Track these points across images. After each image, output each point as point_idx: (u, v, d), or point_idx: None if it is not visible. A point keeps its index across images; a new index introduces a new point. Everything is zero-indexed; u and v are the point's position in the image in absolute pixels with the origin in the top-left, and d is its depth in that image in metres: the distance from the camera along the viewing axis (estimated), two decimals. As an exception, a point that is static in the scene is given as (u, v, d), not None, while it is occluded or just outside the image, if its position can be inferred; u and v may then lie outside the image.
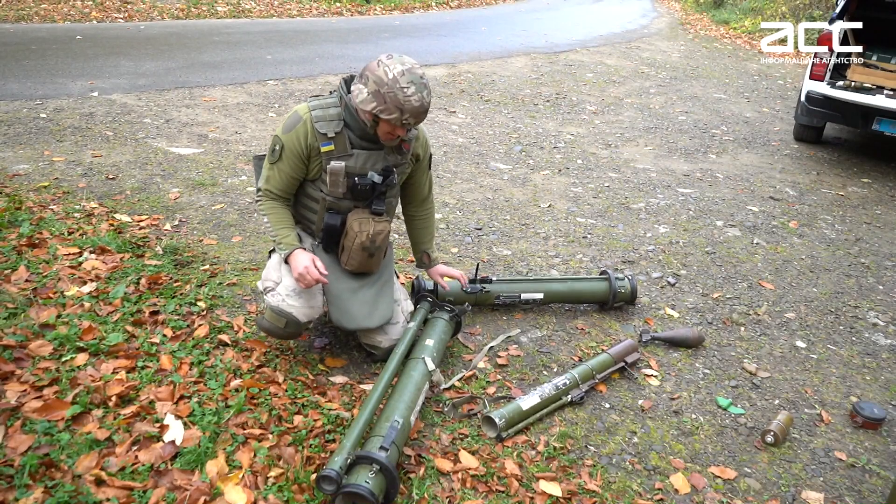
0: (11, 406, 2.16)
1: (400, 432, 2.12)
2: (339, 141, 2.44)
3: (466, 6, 16.66)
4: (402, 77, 2.28)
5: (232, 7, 11.94)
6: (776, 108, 8.59)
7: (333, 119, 2.43)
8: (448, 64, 9.23)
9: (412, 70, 2.31)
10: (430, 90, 2.35)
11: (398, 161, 2.56)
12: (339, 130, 2.43)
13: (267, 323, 2.53)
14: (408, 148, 2.57)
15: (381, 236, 2.53)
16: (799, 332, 3.43)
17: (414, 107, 2.28)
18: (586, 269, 3.82)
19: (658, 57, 11.54)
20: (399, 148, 2.54)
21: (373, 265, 2.63)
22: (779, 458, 2.52)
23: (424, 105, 2.32)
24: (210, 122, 5.76)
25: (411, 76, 2.29)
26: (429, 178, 2.81)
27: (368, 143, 2.48)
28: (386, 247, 2.64)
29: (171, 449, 2.10)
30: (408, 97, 2.27)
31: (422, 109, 2.32)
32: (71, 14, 9.99)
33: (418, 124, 2.41)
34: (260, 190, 2.57)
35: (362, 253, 2.54)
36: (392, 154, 2.53)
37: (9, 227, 3.37)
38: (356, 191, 2.49)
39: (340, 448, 2.00)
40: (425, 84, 2.33)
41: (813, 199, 5.40)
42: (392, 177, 2.52)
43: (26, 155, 4.56)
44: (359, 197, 2.52)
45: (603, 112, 7.60)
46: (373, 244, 2.52)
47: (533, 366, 2.90)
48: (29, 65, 6.93)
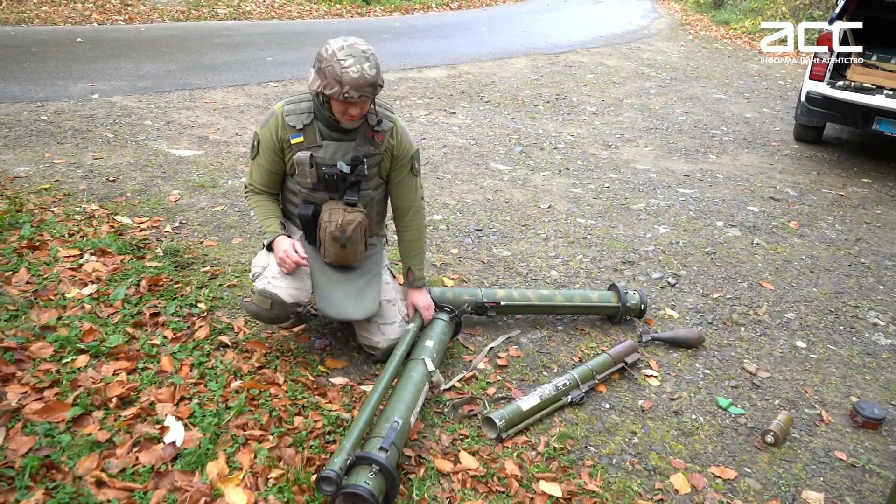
0: (12, 408, 2.17)
1: (400, 433, 2.12)
2: (308, 132, 2.50)
3: (466, 7, 16.67)
4: (341, 51, 2.30)
5: (232, 9, 11.96)
6: (776, 109, 8.59)
7: (304, 112, 2.50)
8: (448, 65, 9.24)
9: (353, 45, 2.32)
10: (374, 64, 2.31)
11: (370, 152, 2.56)
12: (308, 122, 2.49)
13: (254, 306, 2.55)
14: (381, 139, 2.56)
15: (352, 226, 2.52)
16: (799, 332, 3.43)
17: (352, 78, 2.26)
18: (586, 270, 3.83)
19: (658, 58, 11.54)
20: (372, 139, 2.55)
21: (349, 257, 2.60)
22: (779, 458, 2.52)
23: (365, 77, 2.27)
24: (210, 124, 5.76)
25: (350, 50, 2.30)
26: (415, 185, 2.73)
27: (338, 133, 2.51)
28: (362, 240, 2.60)
29: (171, 450, 2.10)
30: (345, 69, 2.27)
31: (362, 81, 2.27)
32: (72, 16, 10.00)
33: (364, 99, 2.33)
34: (247, 186, 2.67)
35: (334, 244, 2.55)
36: (364, 145, 2.54)
37: (10, 230, 3.38)
38: (326, 181, 2.52)
39: (340, 449, 2.00)
40: (367, 57, 2.30)
41: (813, 200, 5.40)
42: (361, 167, 2.52)
43: (27, 157, 4.57)
44: (330, 188, 2.55)
45: (603, 113, 7.61)
46: (343, 234, 2.52)
47: (533, 366, 2.90)
48: (30, 67, 6.94)
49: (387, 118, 2.57)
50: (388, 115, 2.59)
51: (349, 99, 2.31)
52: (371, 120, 2.52)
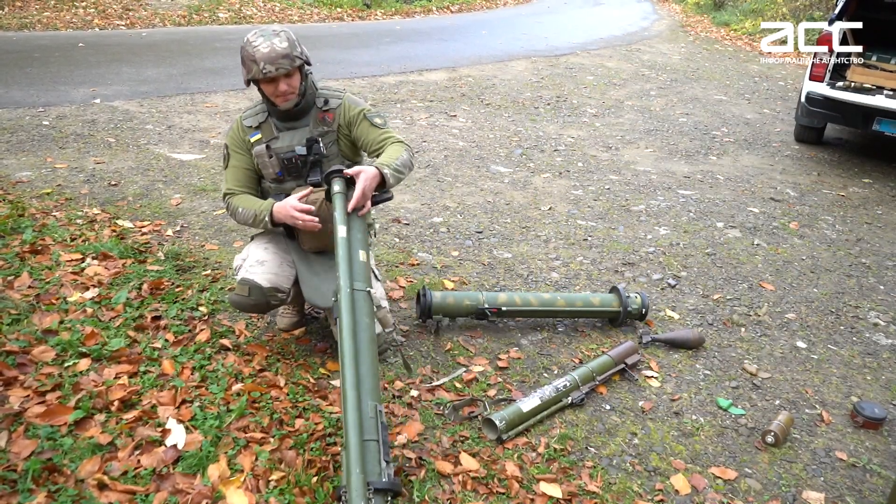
0: (15, 411, 2.18)
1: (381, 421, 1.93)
2: (265, 129, 2.64)
3: (467, 10, 16.70)
4: (252, 35, 2.46)
5: (233, 13, 12.00)
6: (777, 110, 8.59)
7: (258, 112, 2.66)
8: (449, 68, 9.25)
9: (265, 29, 2.47)
10: (285, 38, 2.42)
11: (323, 131, 2.64)
12: (263, 120, 2.64)
13: (235, 296, 2.60)
14: (332, 117, 2.64)
15: (318, 204, 2.53)
16: (799, 332, 3.43)
17: (263, 53, 2.39)
18: (587, 272, 3.83)
19: (659, 59, 11.55)
20: (323, 120, 2.63)
21: (324, 238, 2.58)
22: (779, 458, 2.52)
23: (276, 49, 2.39)
24: (211, 128, 5.78)
25: (261, 32, 2.45)
26: (381, 129, 2.63)
27: (291, 121, 2.63)
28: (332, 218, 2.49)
29: (173, 453, 2.11)
30: (255, 47, 2.40)
31: (273, 54, 2.39)
32: (73, 22, 10.04)
33: (281, 71, 2.41)
34: (225, 195, 2.70)
35: None
36: (318, 126, 2.63)
37: (12, 234, 3.39)
38: (287, 167, 2.62)
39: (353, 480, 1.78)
40: (276, 34, 2.43)
41: (814, 200, 5.40)
42: (316, 145, 2.58)
43: (29, 162, 4.59)
44: (293, 173, 2.64)
45: (603, 115, 7.62)
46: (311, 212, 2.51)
47: (533, 368, 2.91)
48: (32, 72, 6.97)
49: (334, 97, 2.66)
50: (335, 94, 2.68)
51: (267, 74, 2.41)
52: (318, 102, 2.63)
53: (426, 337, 3.05)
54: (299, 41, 2.52)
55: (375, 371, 2.04)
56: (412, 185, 4.91)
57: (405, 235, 4.09)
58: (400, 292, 3.39)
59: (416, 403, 2.58)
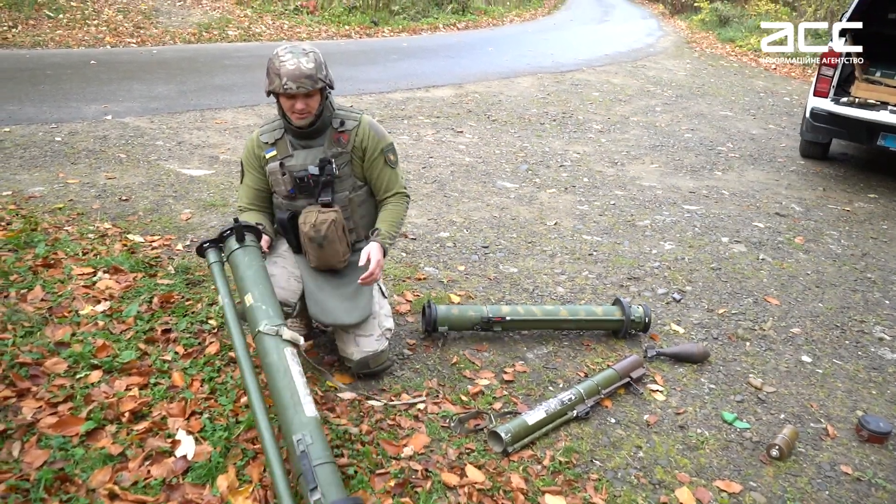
0: (28, 422, 2.22)
1: (315, 447, 1.95)
2: (280, 145, 2.67)
3: (473, 28, 16.83)
4: (283, 49, 2.50)
5: (242, 31, 12.13)
6: (782, 125, 8.63)
7: (275, 129, 2.71)
8: (455, 84, 9.33)
9: (295, 45, 2.52)
10: (313, 59, 2.47)
11: (337, 152, 2.67)
12: (279, 137, 2.68)
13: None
14: (346, 138, 2.67)
15: (326, 225, 2.58)
16: (804, 346, 3.44)
17: (289, 70, 2.43)
18: (592, 287, 3.86)
19: (664, 75, 11.62)
20: (338, 140, 2.66)
21: (329, 258, 2.66)
22: (784, 472, 2.53)
23: (301, 68, 2.43)
24: (221, 144, 5.85)
25: (291, 48, 2.50)
26: (394, 176, 2.76)
27: (306, 140, 2.66)
28: (341, 239, 2.64)
29: (182, 464, 2.14)
30: (282, 62, 2.45)
31: (297, 72, 2.43)
32: (85, 39, 10.18)
33: (302, 90, 2.46)
34: (238, 207, 2.82)
35: (311, 245, 2.63)
36: (332, 147, 2.66)
37: (25, 248, 3.44)
38: (299, 186, 2.65)
39: None
40: (306, 53, 2.47)
41: (819, 215, 5.42)
42: (329, 166, 2.62)
43: (42, 177, 4.66)
44: (304, 191, 2.67)
45: (609, 130, 7.66)
46: (318, 234, 2.59)
47: (539, 381, 2.93)
48: (45, 89, 7.07)
49: (350, 119, 2.69)
50: (351, 115, 2.71)
51: (288, 90, 2.45)
52: (334, 123, 2.66)
53: (432, 351, 3.08)
54: (326, 64, 2.56)
55: (290, 401, 2.06)
56: (419, 201, 4.95)
57: (412, 250, 4.13)
58: (407, 306, 3.43)
59: (422, 416, 2.61)
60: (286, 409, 2.05)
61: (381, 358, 2.75)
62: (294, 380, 2.12)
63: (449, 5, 17.52)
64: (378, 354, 2.71)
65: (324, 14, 14.26)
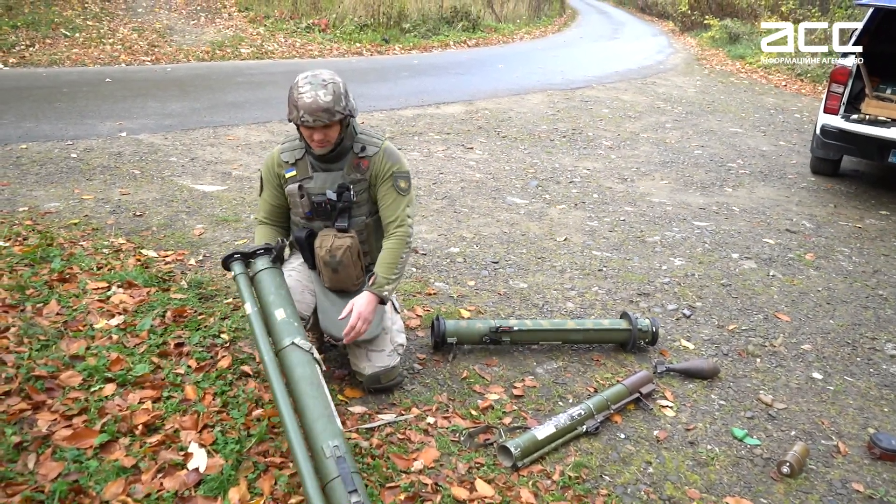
0: (43, 434, 2.25)
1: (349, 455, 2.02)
2: (300, 166, 2.67)
3: (484, 45, 16.95)
4: (303, 79, 2.48)
5: (255, 49, 12.27)
6: (792, 142, 8.63)
7: (296, 148, 2.70)
8: (465, 101, 9.40)
9: (317, 75, 2.48)
10: (332, 91, 2.43)
11: (356, 179, 2.67)
12: (300, 157, 2.68)
13: None
14: (366, 165, 2.66)
15: (341, 251, 2.61)
16: (815, 363, 3.43)
17: (306, 103, 2.42)
18: (602, 302, 3.87)
19: (674, 92, 11.65)
20: (358, 166, 2.66)
21: (343, 282, 2.70)
22: (795, 489, 2.52)
23: (318, 102, 2.41)
24: (233, 160, 5.92)
25: (311, 78, 2.46)
26: (400, 202, 2.70)
27: (327, 164, 2.66)
28: (355, 264, 2.68)
29: (195, 476, 2.16)
30: (300, 94, 2.43)
31: (314, 106, 2.41)
32: (101, 58, 10.33)
33: (318, 123, 2.45)
34: (256, 219, 2.86)
35: (326, 268, 2.67)
36: (351, 173, 2.66)
37: (41, 263, 3.49)
38: (317, 209, 2.65)
39: None
40: (325, 85, 2.44)
41: (830, 232, 5.41)
42: (347, 193, 2.63)
43: (57, 193, 4.73)
44: (322, 215, 2.68)
45: (619, 147, 7.69)
46: (333, 259, 2.62)
47: (548, 396, 2.94)
48: (61, 107, 7.18)
49: (372, 144, 2.68)
50: (373, 141, 2.70)
51: (305, 123, 2.46)
52: (355, 147, 2.66)
53: (442, 365, 3.09)
54: (347, 93, 2.52)
55: (324, 412, 2.12)
56: (429, 217, 4.99)
57: (422, 265, 4.15)
58: (417, 321, 3.45)
59: (432, 430, 2.62)
60: (319, 419, 2.10)
61: (393, 374, 2.77)
62: (326, 392, 2.22)
63: (459, 23, 17.66)
64: (390, 370, 2.73)
65: (335, 32, 14.42)
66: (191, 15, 13.80)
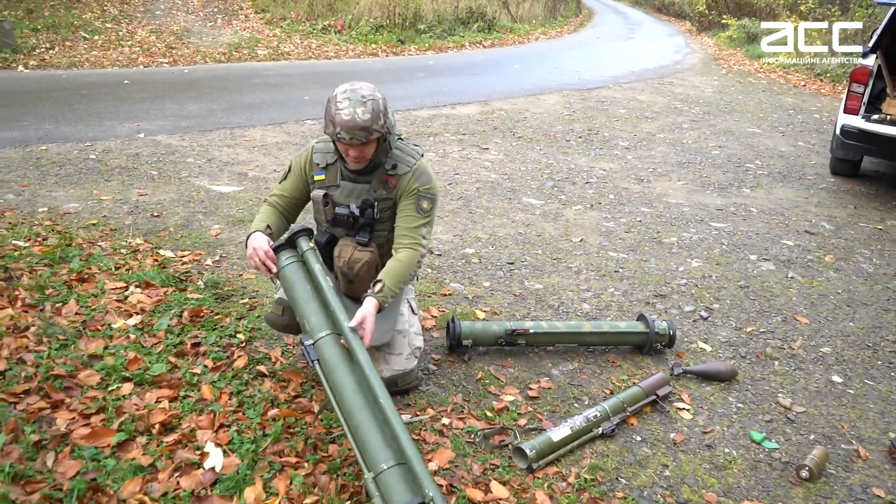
0: (61, 432, 2.27)
1: None
2: (331, 171, 2.64)
3: (499, 45, 16.94)
4: (341, 93, 2.41)
5: (271, 50, 12.34)
6: (812, 142, 8.54)
7: (329, 151, 2.64)
8: (481, 102, 9.39)
9: (356, 90, 2.40)
10: (370, 109, 2.37)
11: (382, 196, 2.62)
12: (332, 162, 2.63)
13: (270, 314, 2.76)
14: (394, 183, 2.60)
15: (360, 265, 2.58)
16: (835, 366, 3.39)
17: (343, 120, 2.35)
18: (618, 304, 3.84)
19: (691, 92, 11.57)
20: (385, 183, 2.60)
21: (357, 292, 2.62)
22: (814, 493, 2.49)
23: (356, 120, 2.34)
24: (250, 161, 5.95)
25: (350, 93, 2.39)
26: (416, 221, 2.61)
27: (356, 175, 2.61)
28: (371, 278, 2.58)
29: (211, 475, 2.17)
30: (339, 111, 2.36)
31: (352, 123, 2.34)
32: (119, 60, 10.43)
33: (355, 141, 2.39)
34: (266, 199, 2.78)
35: (343, 277, 2.65)
36: (378, 189, 2.61)
37: (60, 263, 3.53)
38: (338, 220, 2.61)
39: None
40: (364, 102, 2.37)
41: (850, 233, 5.34)
42: (370, 211, 2.59)
43: (76, 194, 4.78)
44: (342, 226, 2.63)
45: (635, 147, 7.65)
46: (350, 271, 2.60)
47: (564, 398, 2.92)
48: (80, 109, 7.26)
49: (404, 163, 2.60)
50: (407, 160, 2.61)
51: (341, 139, 2.40)
52: (387, 164, 2.59)
53: (457, 366, 3.09)
54: (387, 111, 2.46)
55: None
56: (445, 217, 4.98)
57: (437, 266, 4.15)
58: (432, 322, 3.44)
59: (447, 431, 2.61)
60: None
61: (410, 377, 2.76)
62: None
63: (475, 23, 17.66)
64: (407, 373, 2.72)
65: (351, 33, 14.47)
66: (208, 17, 13.91)
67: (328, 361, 2.22)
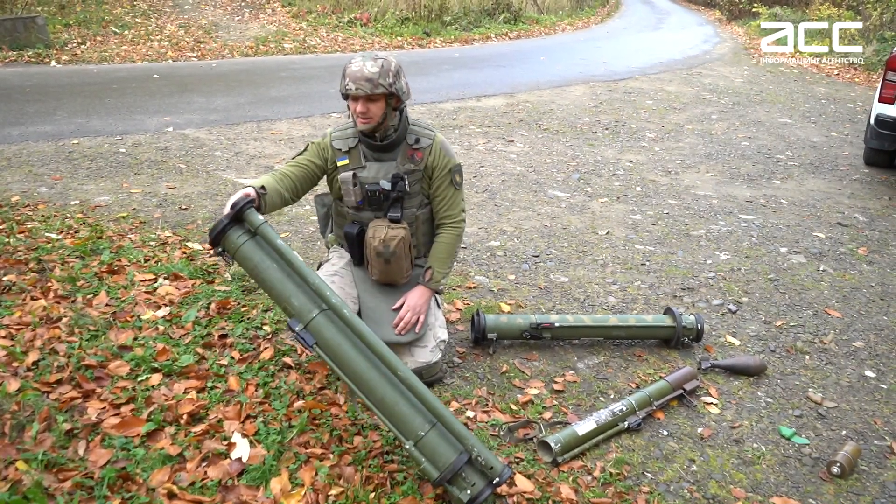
0: (92, 422, 2.31)
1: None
2: (353, 155, 2.68)
3: (525, 37, 16.82)
4: (358, 54, 2.56)
5: (298, 44, 12.40)
6: (845, 132, 8.36)
7: (349, 137, 2.70)
8: (507, 94, 9.34)
9: (370, 53, 2.57)
10: (380, 65, 2.49)
11: (410, 169, 2.68)
12: (353, 146, 2.68)
13: None
14: (420, 156, 2.68)
15: (395, 241, 2.61)
16: (868, 361, 3.32)
17: (352, 70, 2.48)
18: (644, 297, 3.80)
19: (720, 83, 11.39)
20: (412, 157, 2.68)
21: (394, 274, 2.70)
22: (846, 490, 2.45)
23: (364, 71, 2.47)
24: (276, 155, 5.99)
25: (366, 54, 2.55)
26: (456, 198, 2.79)
27: (380, 153, 2.67)
28: (407, 256, 2.68)
29: (237, 466, 2.20)
30: (350, 64, 2.51)
31: (359, 73, 2.46)
32: (149, 54, 10.56)
33: (360, 92, 2.47)
34: None
35: (378, 259, 2.66)
36: (405, 163, 2.67)
37: (91, 255, 3.59)
38: (370, 199, 2.66)
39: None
40: (374, 59, 2.50)
41: (884, 225, 5.23)
42: (401, 183, 2.63)
43: (107, 187, 4.85)
44: (374, 205, 2.68)
45: (663, 139, 7.55)
46: (386, 249, 2.61)
47: (589, 392, 2.91)
48: (110, 103, 7.37)
49: (425, 136, 2.71)
50: (426, 133, 2.73)
51: (349, 91, 2.49)
52: (409, 138, 2.68)
53: (482, 359, 3.08)
54: (399, 74, 2.56)
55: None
56: (470, 210, 4.97)
57: (462, 259, 4.14)
58: (457, 315, 3.44)
59: (471, 424, 2.61)
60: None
61: (434, 369, 2.76)
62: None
63: (501, 15, 17.56)
64: (431, 366, 2.72)
65: (377, 26, 14.48)
66: (235, 11, 14.01)
67: (329, 342, 2.16)
